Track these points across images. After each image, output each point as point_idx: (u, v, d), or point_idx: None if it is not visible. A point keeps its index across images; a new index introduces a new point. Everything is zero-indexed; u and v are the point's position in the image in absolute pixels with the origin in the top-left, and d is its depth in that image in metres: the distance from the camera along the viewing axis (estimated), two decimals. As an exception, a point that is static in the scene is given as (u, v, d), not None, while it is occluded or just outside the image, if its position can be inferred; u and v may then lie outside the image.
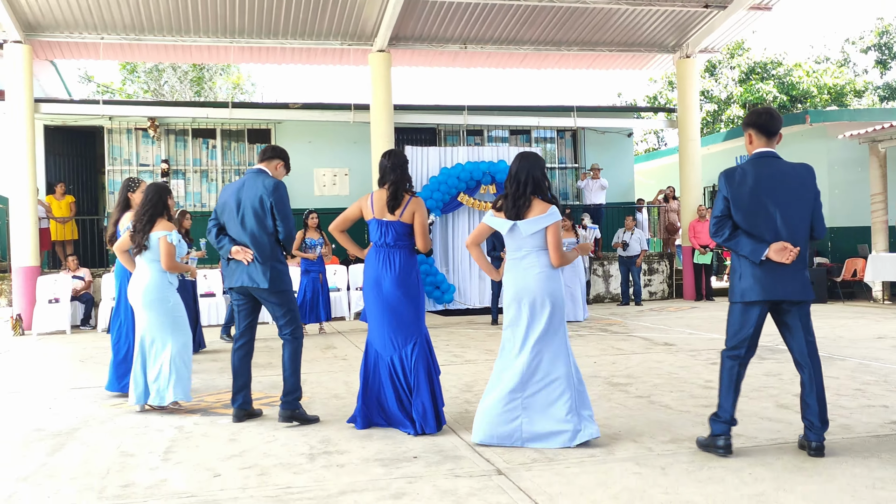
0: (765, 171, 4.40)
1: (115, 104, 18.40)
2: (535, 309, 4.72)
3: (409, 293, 5.22)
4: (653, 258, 16.93)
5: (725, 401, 4.43)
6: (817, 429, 4.31)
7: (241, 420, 5.62)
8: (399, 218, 5.21)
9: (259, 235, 5.46)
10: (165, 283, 6.08)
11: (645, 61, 17.64)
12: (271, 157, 5.69)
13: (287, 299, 5.56)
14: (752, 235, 4.37)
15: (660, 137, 35.13)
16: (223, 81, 33.42)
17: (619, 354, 8.62)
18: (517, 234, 4.79)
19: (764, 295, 4.34)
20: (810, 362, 4.38)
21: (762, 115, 4.54)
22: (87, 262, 15.40)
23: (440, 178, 14.03)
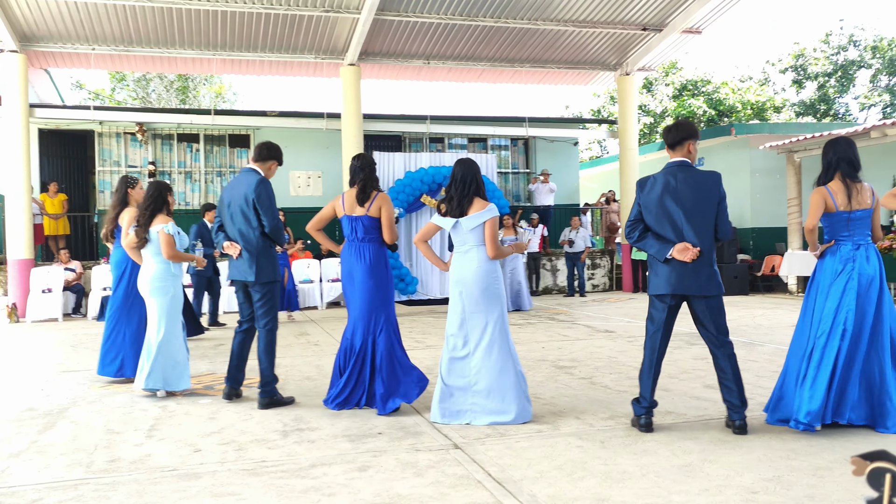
0: (672, 178, 4.42)
1: (105, 110, 18.00)
2: (475, 298, 4.73)
3: (378, 280, 5.19)
4: (596, 254, 17.06)
5: (645, 384, 4.46)
6: (738, 408, 4.35)
7: (229, 398, 5.56)
8: (367, 212, 5.19)
9: (245, 231, 5.38)
10: (168, 273, 5.94)
11: (589, 78, 17.74)
12: (266, 159, 5.55)
13: (271, 292, 5.44)
14: (659, 237, 4.42)
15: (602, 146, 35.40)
16: (206, 90, 32.93)
17: (564, 340, 8.67)
18: (461, 230, 4.81)
19: (670, 289, 4.38)
20: (721, 350, 4.41)
21: (663, 131, 4.62)
22: (78, 255, 15.12)
23: (405, 180, 13.99)
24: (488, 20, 14.27)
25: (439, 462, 3.92)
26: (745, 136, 17.22)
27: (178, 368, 5.85)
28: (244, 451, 4.21)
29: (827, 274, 4.50)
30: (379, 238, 5.26)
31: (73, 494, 3.53)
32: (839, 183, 4.50)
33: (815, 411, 4.26)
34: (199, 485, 3.63)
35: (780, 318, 10.49)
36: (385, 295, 5.22)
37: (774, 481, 3.50)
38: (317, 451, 4.17)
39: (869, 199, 4.49)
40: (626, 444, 4.19)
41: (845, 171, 4.51)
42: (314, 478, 3.70)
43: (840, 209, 4.47)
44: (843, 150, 4.54)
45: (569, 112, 36.07)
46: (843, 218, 4.48)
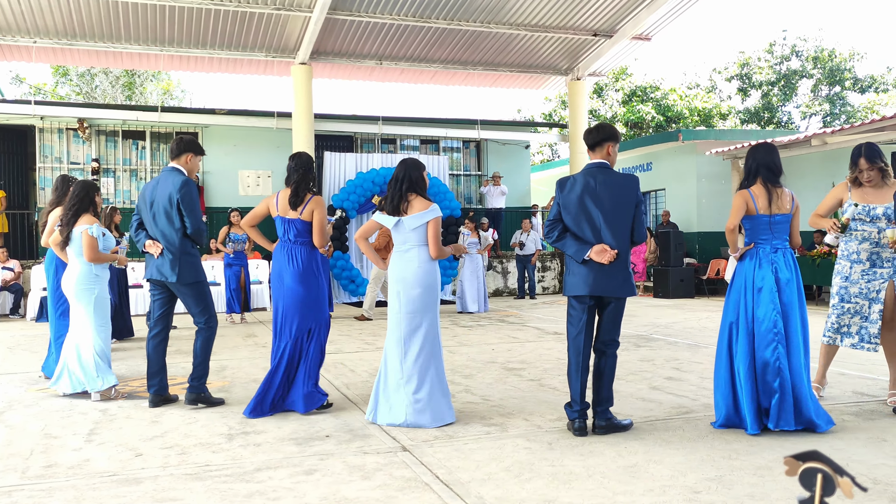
0: (591, 179, 4.46)
1: (46, 105, 17.49)
2: (411, 297, 4.72)
3: (308, 287, 5.08)
4: (546, 257, 17.21)
5: (574, 387, 4.45)
6: (606, 411, 4.44)
7: (157, 405, 5.40)
8: (300, 216, 5.10)
9: (167, 231, 5.29)
10: (91, 275, 5.79)
11: (541, 82, 17.91)
12: (179, 153, 5.44)
13: (199, 291, 5.36)
14: (578, 237, 4.46)
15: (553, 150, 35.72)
16: (154, 87, 32.29)
17: (514, 342, 8.71)
18: (402, 229, 4.79)
19: (588, 290, 4.41)
20: (611, 350, 4.50)
21: (584, 133, 4.66)
22: (17, 255, 14.63)
23: (356, 181, 13.95)
24: (441, 22, 14.30)
25: (387, 465, 3.90)
26: (692, 142, 17.58)
27: (105, 368, 5.70)
28: (187, 455, 4.12)
29: (749, 277, 4.59)
30: (311, 241, 5.17)
31: (6, 501, 3.41)
32: (761, 187, 4.61)
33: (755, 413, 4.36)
34: (139, 490, 3.55)
35: (724, 321, 10.69)
36: (316, 299, 5.11)
37: (717, 481, 3.57)
38: (262, 455, 4.11)
39: (788, 204, 4.61)
40: (573, 445, 4.23)
41: (766, 176, 4.62)
42: (259, 482, 3.64)
43: (760, 212, 4.58)
44: (763, 156, 4.66)
45: (521, 115, 36.33)
46: (764, 221, 4.58)
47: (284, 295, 5.10)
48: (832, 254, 12.57)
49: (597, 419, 4.44)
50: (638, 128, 29.97)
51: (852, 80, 31.84)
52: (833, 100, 32.34)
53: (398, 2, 13.60)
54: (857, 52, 31.93)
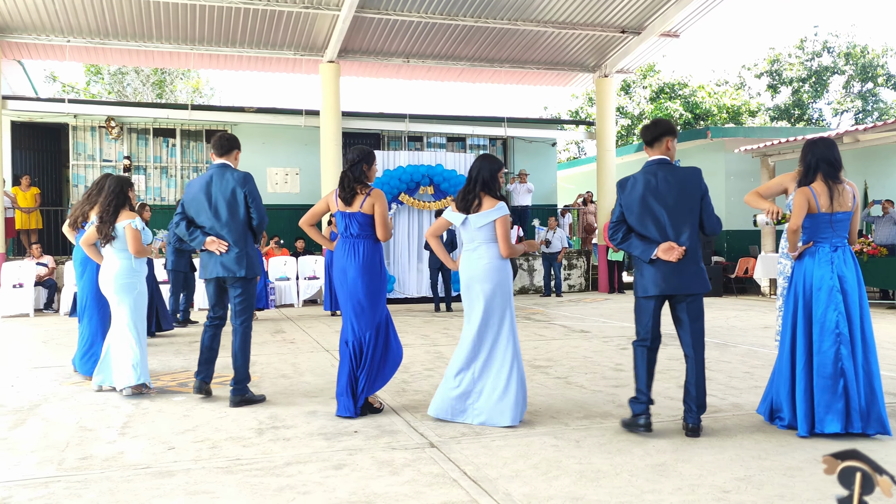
0: (652, 177, 4.41)
1: (79, 103, 17.79)
2: (484, 296, 4.69)
3: (371, 281, 5.02)
4: (572, 255, 17.15)
5: (641, 384, 4.43)
6: (694, 413, 4.35)
7: (200, 392, 5.48)
8: (360, 209, 5.05)
9: (234, 226, 5.32)
10: (132, 270, 5.84)
11: (568, 79, 17.84)
12: (229, 149, 5.50)
13: (251, 289, 5.41)
14: (643, 237, 4.40)
15: (580, 147, 35.60)
16: (184, 85, 32.63)
17: (540, 340, 8.70)
18: (469, 227, 4.78)
19: (658, 290, 4.35)
20: (694, 353, 4.39)
21: (641, 129, 4.61)
22: (51, 250, 14.93)
23: (383, 179, 13.96)
24: (468, 20, 14.30)
25: (415, 460, 3.92)
26: (721, 140, 17.40)
27: (144, 364, 5.78)
28: (218, 449, 4.18)
29: (808, 276, 4.50)
30: (373, 235, 5.10)
31: (43, 492, 3.49)
32: (822, 184, 4.44)
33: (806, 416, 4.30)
34: (172, 483, 3.60)
35: (752, 320, 10.61)
36: (377, 293, 5.07)
37: (746, 480, 3.54)
38: (292, 450, 4.15)
39: (850, 201, 4.44)
40: (601, 443, 4.22)
41: (826, 172, 4.45)
42: (289, 476, 3.68)
43: (822, 210, 4.41)
44: (823, 151, 4.48)
45: (547, 113, 36.22)
46: (825, 219, 4.42)
47: (349, 290, 5.02)
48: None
49: (691, 422, 4.33)
50: (665, 125, 29.70)
51: (885, 76, 31.30)
52: (865, 96, 31.83)
53: (426, 0, 13.62)
54: (890, 48, 31.39)
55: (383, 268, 5.19)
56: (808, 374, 4.37)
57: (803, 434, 4.28)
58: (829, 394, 4.28)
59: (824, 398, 4.28)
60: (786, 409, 4.45)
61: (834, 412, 4.25)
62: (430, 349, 8.03)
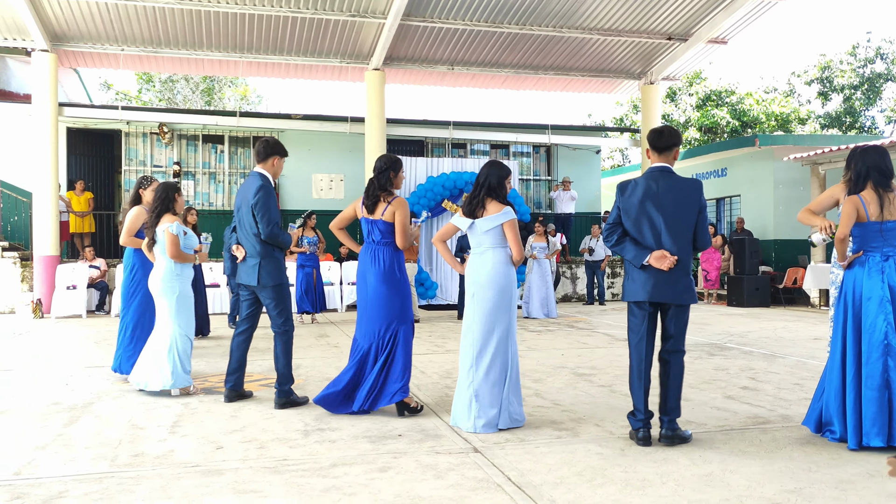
0: (653, 184, 4.38)
1: (132, 110, 18.24)
2: (486, 299, 4.72)
3: (392, 287, 5.11)
4: (616, 263, 17.00)
5: (638, 400, 4.35)
6: (666, 421, 4.32)
7: (231, 400, 5.56)
8: (382, 217, 5.14)
9: (248, 236, 5.43)
10: (173, 273, 5.96)
11: (613, 86, 17.73)
12: (266, 157, 5.50)
13: (278, 294, 5.42)
14: (637, 242, 4.38)
15: (624, 155, 35.26)
16: (231, 92, 33.22)
17: (584, 348, 8.65)
18: (476, 231, 4.82)
19: (647, 296, 4.32)
20: (676, 358, 4.37)
21: (651, 134, 4.56)
22: (103, 253, 15.30)
23: (427, 185, 14.06)
24: (513, 27, 14.32)
25: (459, 465, 3.93)
26: (769, 148, 17.11)
27: (180, 367, 5.89)
28: (266, 450, 4.24)
29: (858, 286, 4.40)
30: (394, 242, 5.19)
31: (98, 487, 3.58)
32: (872, 192, 4.35)
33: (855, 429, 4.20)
34: (221, 481, 3.67)
35: (801, 331, 10.40)
36: (399, 299, 5.12)
37: (796, 493, 3.48)
38: (337, 451, 4.20)
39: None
40: (647, 452, 4.18)
41: (877, 180, 4.36)
42: (335, 477, 3.72)
43: (872, 219, 4.32)
44: (874, 158, 4.39)
45: (591, 120, 36.03)
46: (874, 229, 4.33)
47: (368, 295, 5.14)
48: None
49: (663, 429, 4.34)
50: (712, 133, 29.31)
51: (941, 83, 30.45)
52: (920, 104, 30.98)
53: (471, 8, 13.68)
54: (946, 54, 30.52)
55: (404, 275, 5.22)
56: (857, 386, 4.28)
57: (853, 447, 4.19)
58: (875, 406, 4.19)
59: (871, 410, 4.20)
60: (836, 421, 4.35)
61: (879, 426, 4.16)
62: (473, 355, 8.02)
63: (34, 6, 12.68)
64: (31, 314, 12.71)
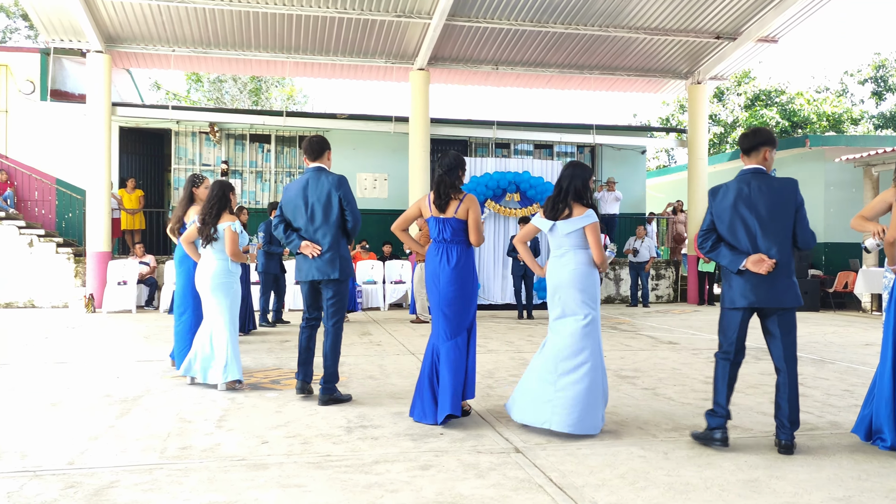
0: (745, 186, 4.30)
1: (182, 110, 18.59)
2: (572, 299, 4.67)
3: (464, 287, 5.03)
4: (660, 265, 16.81)
5: (720, 397, 4.32)
6: (786, 429, 4.20)
7: (302, 391, 5.62)
8: (455, 214, 5.07)
9: (329, 230, 5.45)
10: (228, 270, 6.11)
11: (659, 86, 17.53)
12: (321, 152, 5.62)
13: (344, 290, 5.52)
14: (733, 247, 4.30)
15: (670, 155, 34.86)
16: (278, 92, 33.67)
17: (627, 350, 8.58)
18: (556, 234, 4.78)
19: (746, 302, 4.24)
20: (786, 367, 4.25)
21: (739, 137, 4.50)
22: (153, 250, 15.67)
23: (470, 185, 14.05)
24: (559, 26, 14.25)
25: (500, 465, 3.94)
26: (820, 149, 16.74)
27: (237, 361, 6.02)
28: (309, 445, 4.31)
29: None
30: (466, 240, 5.12)
31: (147, 478, 3.67)
32: None
33: None
34: (266, 475, 3.74)
35: (852, 336, 10.17)
36: (469, 299, 5.06)
37: (844, 501, 3.41)
38: (380, 448, 4.24)
39: None
40: (690, 456, 4.14)
41: None
42: (377, 474, 3.76)
43: None
44: None
45: (637, 120, 35.66)
46: None
47: (441, 295, 5.03)
48: None
49: (783, 439, 4.20)
50: (761, 133, 28.78)
51: None
52: (980, 104, 30.01)
53: (516, 7, 13.66)
54: None
55: (475, 274, 5.20)
56: None
57: None
58: None
59: None
60: (886, 429, 4.26)
61: None
62: (515, 355, 8.03)
63: (90, 9, 13.02)
64: (83, 308, 13.07)
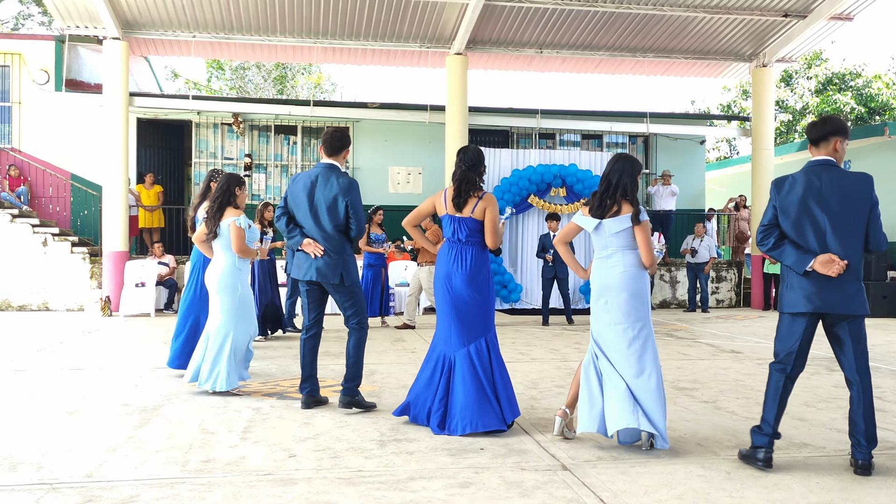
0: (815, 179, 4.22)
1: (203, 100, 18.87)
2: (618, 305, 4.64)
3: (478, 291, 5.12)
4: (721, 266, 16.62)
5: (769, 413, 4.24)
6: (863, 448, 4.12)
7: (309, 406, 5.69)
8: (471, 214, 5.15)
9: (331, 232, 5.52)
10: (235, 269, 6.22)
11: (720, 69, 17.33)
12: (339, 150, 5.67)
13: (354, 292, 5.60)
14: (799, 245, 4.22)
15: (732, 146, 34.42)
16: (305, 80, 33.97)
17: (684, 360, 8.50)
18: (602, 233, 4.74)
19: (811, 306, 4.15)
20: (859, 379, 4.17)
21: (807, 126, 4.43)
22: (172, 249, 15.88)
23: (512, 179, 14.04)
24: (608, 5, 14.16)
25: (546, 483, 3.94)
26: (901, 137, 16.40)
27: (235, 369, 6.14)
28: (340, 459, 4.35)
29: None
30: (482, 241, 5.21)
31: (169, 493, 3.74)
32: None
33: None
34: (294, 491, 3.78)
35: (937, 346, 9.94)
36: (485, 304, 5.14)
37: (929, 528, 3.35)
38: (415, 464, 4.26)
39: None
40: (756, 476, 4.09)
41: None
42: (413, 491, 3.78)
43: None
44: None
45: (695, 107, 35.27)
46: None
47: (452, 300, 5.12)
48: None
49: (860, 458, 4.12)
50: (834, 121, 28.28)
51: None
52: None
53: (562, -15, 13.61)
54: None
55: (490, 278, 5.22)
56: None
57: None
58: None
59: None
60: None
61: None
62: (561, 364, 8.01)
63: (106, -7, 13.28)
64: (99, 312, 13.33)
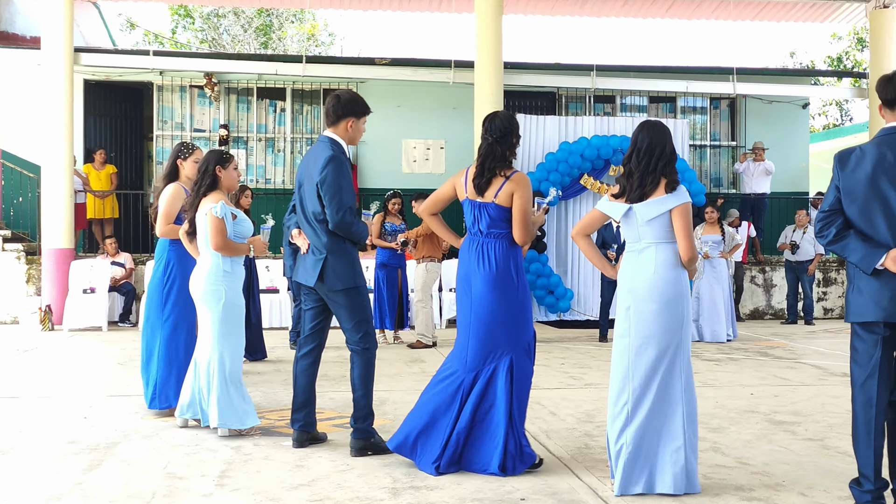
0: (889, 152, 4.15)
1: (166, 55, 18.90)
2: (642, 315, 4.64)
3: (505, 297, 5.07)
4: (830, 265, 16.50)
5: (865, 463, 4.15)
6: None
7: (302, 445, 5.69)
8: (494, 199, 5.10)
9: (311, 222, 5.49)
10: (219, 271, 6.11)
11: (828, 12, 17.21)
12: (338, 118, 5.53)
13: (352, 301, 5.48)
14: (868, 237, 4.17)
15: (844, 111, 34.16)
16: (295, 31, 34.10)
17: (783, 385, 8.47)
18: (633, 222, 4.73)
19: (881, 314, 4.09)
20: None
21: (880, 82, 4.32)
22: (129, 246, 15.75)
23: (559, 155, 14.01)
24: (683, -69, 14.10)
25: (604, 543, 3.94)
26: None
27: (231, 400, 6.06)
28: (342, 512, 4.37)
29: None
30: (510, 234, 5.16)
31: (127, 553, 3.79)
32: None
33: None
34: (284, 552, 3.81)
35: None
36: (514, 313, 5.10)
37: None
38: (438, 519, 4.29)
39: None
40: (874, 535, 4.07)
41: None
42: (435, 553, 3.80)
43: None
44: None
45: (795, 62, 35.01)
46: None
47: (473, 305, 5.12)
48: None
49: None
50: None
51: None
52: None
53: None
54: None
55: (524, 281, 5.18)
56: None
57: None
58: None
59: None
60: None
61: None
62: (624, 392, 7.99)
63: (45, -78, 13.39)
64: (38, 325, 13.38)
